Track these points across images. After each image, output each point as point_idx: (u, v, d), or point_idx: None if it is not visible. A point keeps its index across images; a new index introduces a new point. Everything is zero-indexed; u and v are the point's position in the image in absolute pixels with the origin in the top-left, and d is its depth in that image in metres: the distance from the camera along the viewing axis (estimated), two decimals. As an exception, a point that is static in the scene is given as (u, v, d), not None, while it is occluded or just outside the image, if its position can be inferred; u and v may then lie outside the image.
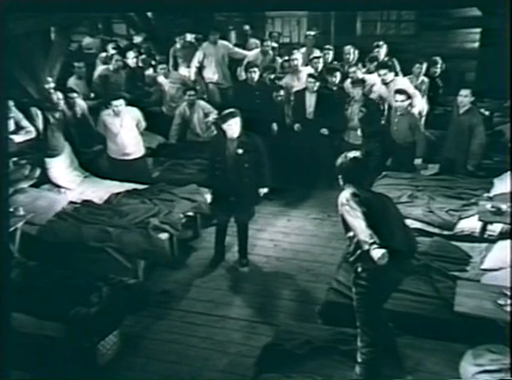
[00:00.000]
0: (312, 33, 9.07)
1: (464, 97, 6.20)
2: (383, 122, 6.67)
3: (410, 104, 6.55)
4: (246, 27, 9.79)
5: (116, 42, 9.58)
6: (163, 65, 8.20)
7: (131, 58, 8.67)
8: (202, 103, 7.54)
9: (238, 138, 5.07)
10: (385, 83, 6.96)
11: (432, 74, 7.77)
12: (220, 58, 8.63)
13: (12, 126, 6.19)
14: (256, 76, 7.24)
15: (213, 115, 7.25)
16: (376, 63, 7.56)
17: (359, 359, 3.57)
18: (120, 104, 6.27)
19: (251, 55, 8.64)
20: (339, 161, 3.54)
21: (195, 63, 8.59)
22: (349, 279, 4.43)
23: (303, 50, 8.59)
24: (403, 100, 6.34)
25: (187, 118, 7.44)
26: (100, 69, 8.29)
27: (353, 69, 7.37)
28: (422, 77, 7.52)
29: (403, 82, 7.05)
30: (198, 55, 8.60)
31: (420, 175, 6.53)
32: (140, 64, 8.74)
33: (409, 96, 6.45)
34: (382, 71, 6.99)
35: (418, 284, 4.40)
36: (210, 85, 8.70)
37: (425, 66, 7.57)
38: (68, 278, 4.58)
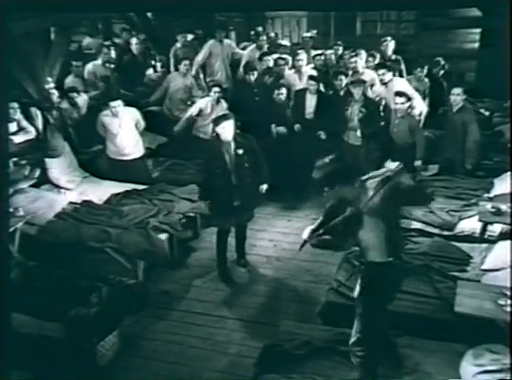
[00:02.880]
0: (309, 35, 9.09)
1: (457, 96, 6.23)
2: (382, 123, 6.66)
3: (410, 106, 6.55)
4: (252, 32, 9.75)
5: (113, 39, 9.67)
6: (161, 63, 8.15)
7: (134, 44, 8.65)
8: (224, 103, 7.19)
9: (234, 140, 5.04)
10: (384, 83, 6.97)
11: (435, 74, 7.79)
12: (226, 58, 8.54)
13: (15, 127, 6.19)
14: (253, 77, 7.17)
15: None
16: (378, 58, 7.61)
17: (354, 362, 3.56)
18: (118, 104, 6.25)
19: (247, 52, 8.60)
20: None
21: (198, 61, 8.38)
22: (349, 279, 4.45)
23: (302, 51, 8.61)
24: (403, 103, 6.33)
25: (204, 113, 7.06)
26: (88, 66, 8.17)
27: (354, 59, 7.36)
28: (423, 79, 7.55)
29: (401, 83, 7.05)
30: (204, 53, 8.40)
31: (420, 175, 6.52)
32: (144, 51, 8.70)
33: (409, 99, 6.45)
34: (381, 71, 7.00)
35: (419, 284, 4.39)
36: (211, 85, 8.66)
37: (426, 69, 7.61)
38: (68, 278, 4.57)
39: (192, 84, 7.83)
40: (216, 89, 7.02)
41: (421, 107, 7.06)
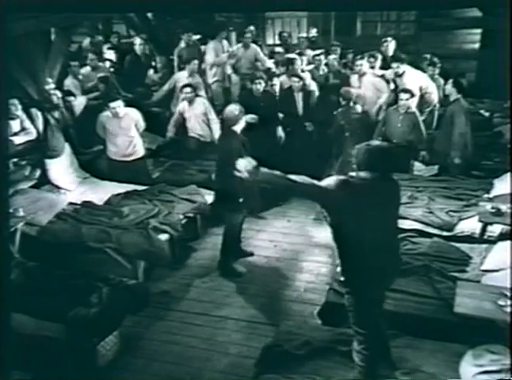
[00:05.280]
0: (304, 35, 9.20)
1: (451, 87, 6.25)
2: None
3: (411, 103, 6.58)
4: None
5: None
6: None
7: (138, 45, 8.66)
8: (204, 101, 7.22)
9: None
10: (398, 75, 7.03)
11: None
12: None
13: (18, 126, 6.19)
14: (261, 87, 7.08)
15: (212, 115, 7.11)
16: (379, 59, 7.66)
17: (356, 361, 3.55)
18: (118, 105, 6.24)
19: (234, 49, 8.74)
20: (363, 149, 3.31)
21: (209, 62, 8.48)
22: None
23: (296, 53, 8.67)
24: (407, 99, 6.34)
25: (186, 116, 7.12)
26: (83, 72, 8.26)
27: (359, 62, 7.39)
28: (437, 78, 7.63)
29: (415, 74, 7.10)
30: (211, 54, 8.47)
31: (420, 176, 6.52)
32: (147, 52, 8.74)
33: (412, 95, 6.46)
34: (394, 64, 7.07)
35: (418, 285, 4.40)
36: (214, 85, 8.67)
37: (438, 67, 7.67)
38: (68, 278, 4.58)
39: (198, 83, 7.83)
40: (187, 89, 6.95)
41: (436, 98, 7.14)
